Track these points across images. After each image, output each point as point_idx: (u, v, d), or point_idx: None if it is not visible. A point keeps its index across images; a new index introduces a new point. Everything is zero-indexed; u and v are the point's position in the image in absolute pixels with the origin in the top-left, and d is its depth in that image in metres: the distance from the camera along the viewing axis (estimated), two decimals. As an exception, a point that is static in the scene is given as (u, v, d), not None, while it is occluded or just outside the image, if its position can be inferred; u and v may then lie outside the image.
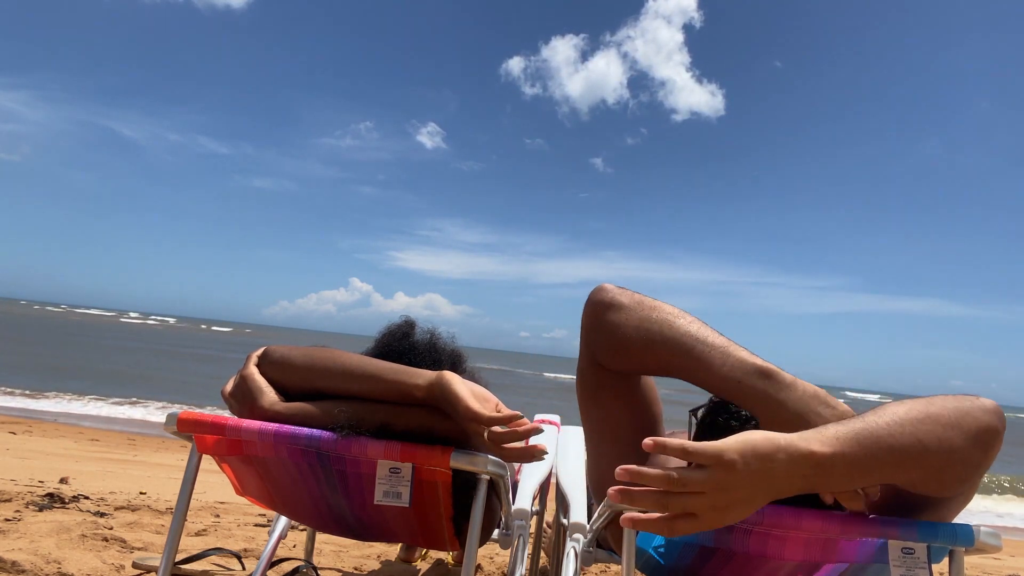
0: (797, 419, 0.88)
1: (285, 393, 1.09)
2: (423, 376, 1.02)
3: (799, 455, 0.78)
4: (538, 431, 0.97)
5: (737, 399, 0.93)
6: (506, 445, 0.96)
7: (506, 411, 0.98)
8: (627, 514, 0.79)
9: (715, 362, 0.95)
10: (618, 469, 0.77)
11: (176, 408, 1.11)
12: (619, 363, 1.05)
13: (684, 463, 0.78)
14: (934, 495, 0.88)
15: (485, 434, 0.96)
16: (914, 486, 0.86)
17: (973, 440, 0.84)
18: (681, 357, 0.97)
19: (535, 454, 0.95)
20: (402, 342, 1.29)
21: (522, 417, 0.97)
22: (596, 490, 1.16)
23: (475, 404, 0.97)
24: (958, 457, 0.83)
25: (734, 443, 0.77)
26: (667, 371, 1.00)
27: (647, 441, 0.77)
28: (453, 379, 1.00)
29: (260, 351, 1.14)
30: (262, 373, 1.10)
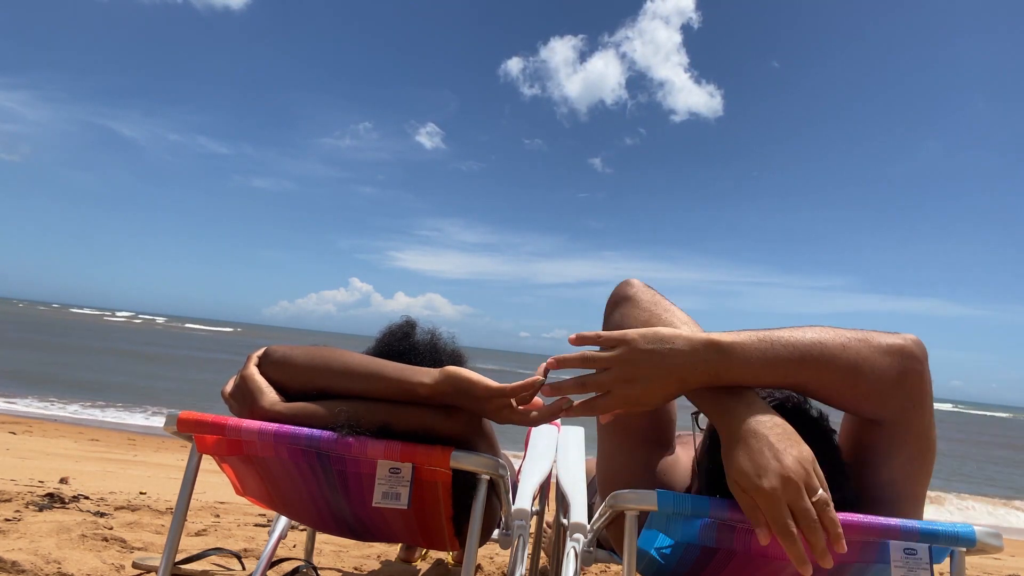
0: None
1: (287, 393, 1.09)
2: (427, 374, 1.02)
3: (698, 339, 0.89)
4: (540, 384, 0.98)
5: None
6: (535, 405, 0.99)
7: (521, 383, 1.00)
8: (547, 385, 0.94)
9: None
10: (548, 360, 0.91)
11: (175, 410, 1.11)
12: None
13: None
14: (855, 411, 0.94)
15: (513, 402, 0.98)
16: (830, 396, 0.91)
17: (883, 353, 0.90)
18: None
19: (561, 407, 0.96)
20: (403, 342, 1.29)
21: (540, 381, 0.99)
22: (604, 486, 1.16)
23: (492, 382, 0.99)
24: (868, 367, 0.88)
25: (642, 328, 0.90)
26: None
27: (549, 360, 0.92)
28: (460, 368, 1.01)
29: (261, 351, 1.13)
30: (263, 373, 1.10)
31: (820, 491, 0.80)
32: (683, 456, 1.15)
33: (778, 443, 0.81)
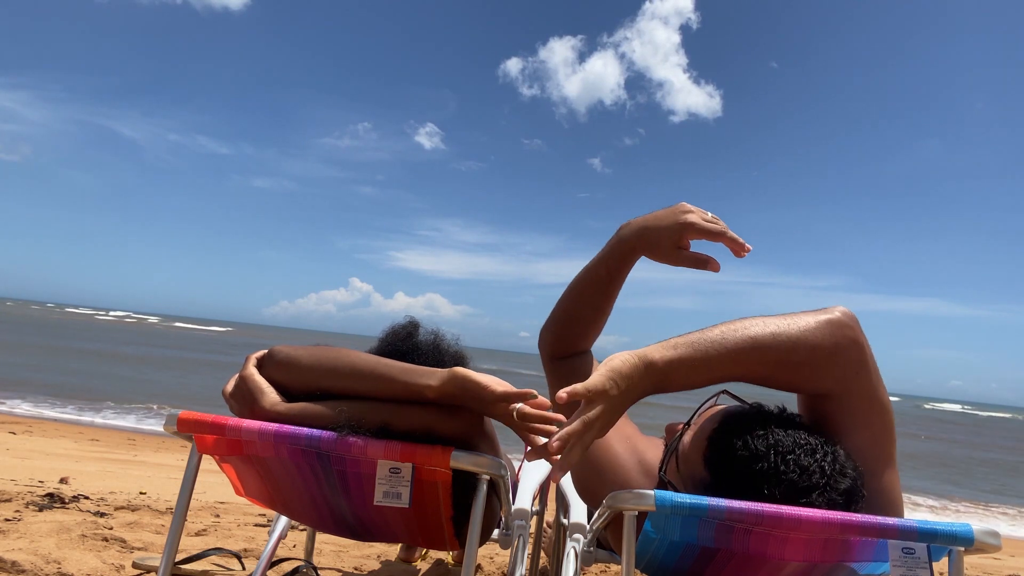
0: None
1: (291, 394, 1.08)
2: (433, 375, 1.01)
3: (642, 367, 0.92)
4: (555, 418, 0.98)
5: None
6: (536, 425, 0.98)
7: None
8: (530, 451, 0.92)
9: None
10: (553, 443, 0.87)
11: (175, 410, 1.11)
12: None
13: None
14: (799, 389, 0.99)
15: (515, 415, 0.98)
16: (772, 382, 0.97)
17: (813, 329, 0.94)
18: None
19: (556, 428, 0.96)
20: (406, 342, 1.29)
21: (537, 395, 1.01)
22: (580, 491, 1.17)
23: (500, 386, 1.00)
24: (801, 346, 0.93)
25: (606, 373, 0.91)
26: None
27: (560, 393, 0.89)
28: (467, 370, 1.01)
29: (263, 352, 1.13)
30: (267, 374, 1.10)
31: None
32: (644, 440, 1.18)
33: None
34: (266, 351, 1.12)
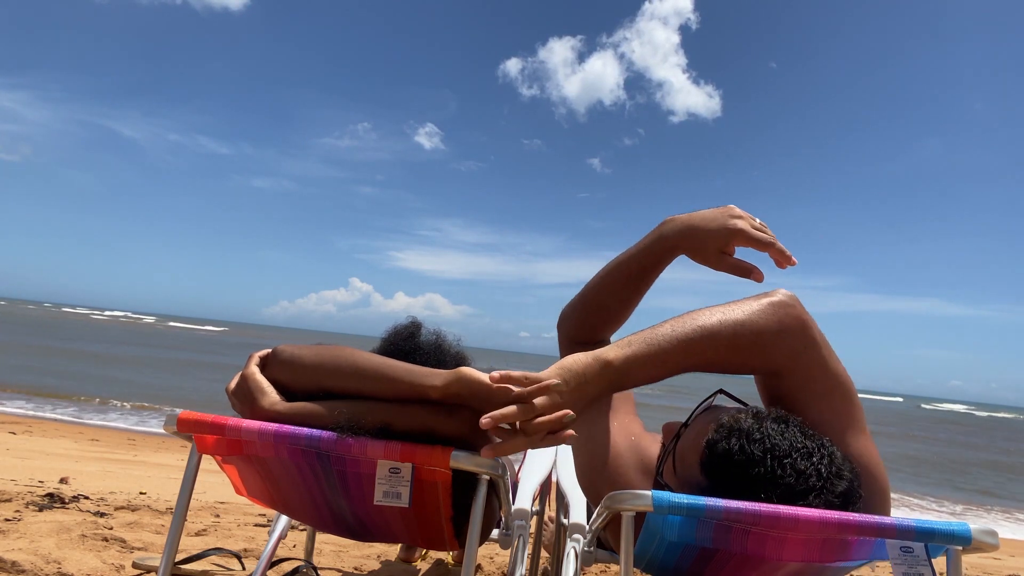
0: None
1: (293, 393, 1.08)
2: (437, 375, 1.00)
3: (600, 367, 0.96)
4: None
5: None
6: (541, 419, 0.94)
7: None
8: (488, 448, 0.93)
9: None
10: (483, 419, 0.89)
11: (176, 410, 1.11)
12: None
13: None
14: (752, 371, 1.03)
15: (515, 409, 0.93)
16: (723, 367, 1.00)
17: (756, 312, 0.99)
18: None
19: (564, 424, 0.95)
20: (408, 342, 1.29)
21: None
22: (584, 488, 1.18)
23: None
24: (747, 329, 0.97)
25: (555, 369, 0.95)
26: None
27: (493, 374, 0.94)
28: (472, 370, 0.99)
29: (266, 351, 1.13)
30: (271, 373, 1.09)
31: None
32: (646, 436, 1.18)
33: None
34: (270, 350, 1.12)
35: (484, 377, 0.98)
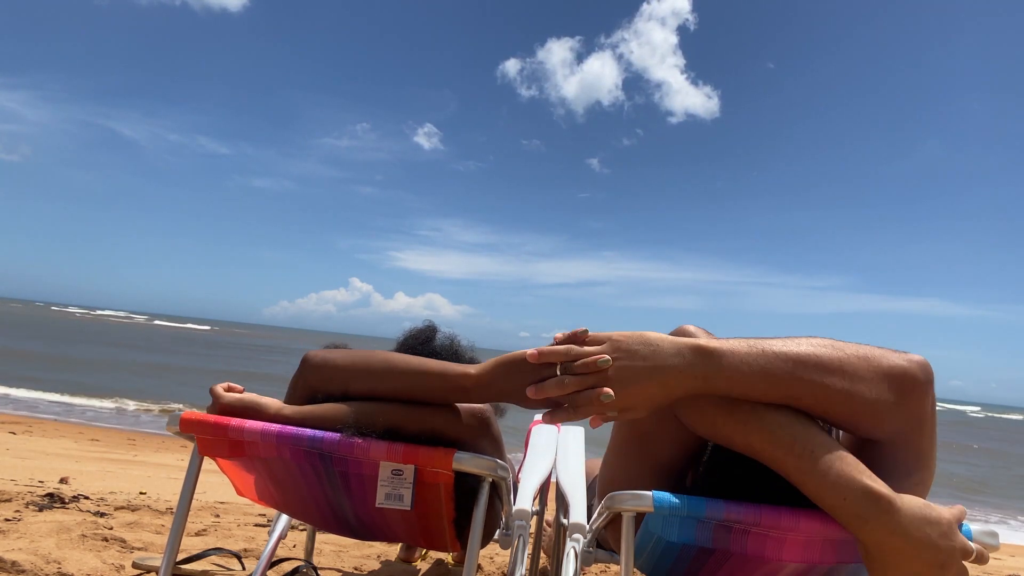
0: (907, 548, 0.78)
1: (323, 396, 1.08)
2: (473, 366, 0.99)
3: (684, 343, 0.84)
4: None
5: (833, 513, 0.82)
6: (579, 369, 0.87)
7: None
8: (531, 387, 0.88)
9: (818, 466, 0.81)
10: (530, 352, 0.87)
11: (178, 408, 1.11)
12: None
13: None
14: (853, 430, 0.88)
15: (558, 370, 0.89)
16: (827, 410, 0.85)
17: (883, 377, 0.84)
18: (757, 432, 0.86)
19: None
20: (424, 346, 1.29)
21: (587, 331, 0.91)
22: (604, 489, 1.16)
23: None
24: (866, 388, 0.83)
25: (626, 332, 0.87)
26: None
27: (531, 351, 0.88)
28: (505, 354, 0.97)
29: (225, 383, 1.12)
30: (305, 379, 1.09)
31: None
32: None
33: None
34: (302, 356, 1.11)
35: (521, 352, 0.95)
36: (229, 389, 1.11)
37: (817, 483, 0.80)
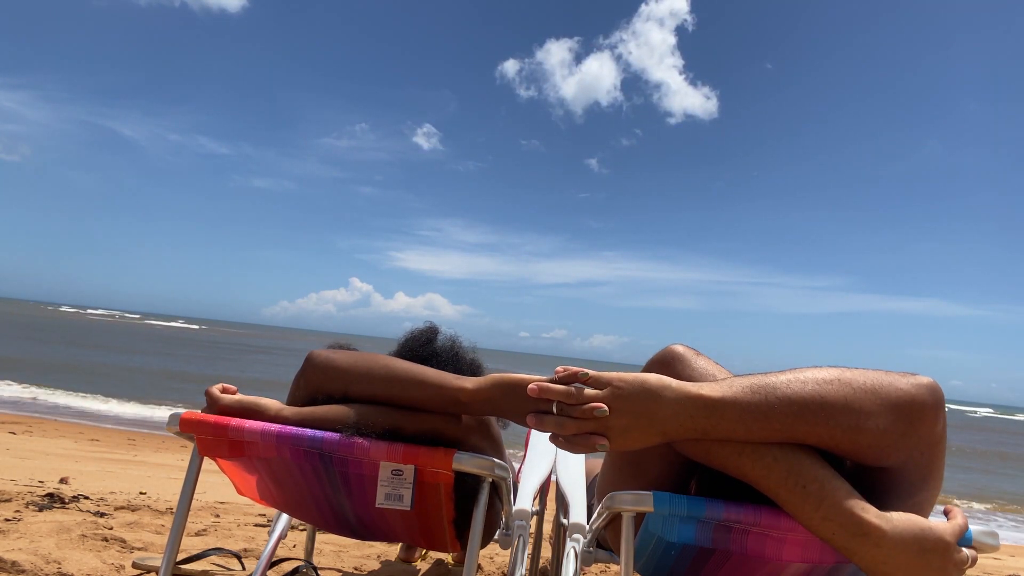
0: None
1: (322, 397, 1.09)
2: (468, 380, 1.02)
3: (686, 395, 0.83)
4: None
5: (828, 544, 0.83)
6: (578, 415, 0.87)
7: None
8: (530, 415, 0.88)
9: (809, 500, 0.81)
10: (531, 386, 0.88)
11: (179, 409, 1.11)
12: None
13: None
14: (859, 461, 0.87)
15: (554, 407, 0.88)
16: (831, 447, 0.84)
17: (891, 408, 0.83)
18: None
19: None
20: (425, 348, 1.29)
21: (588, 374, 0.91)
22: (602, 492, 1.16)
23: (539, 378, 0.93)
24: (873, 423, 0.82)
25: (629, 375, 0.86)
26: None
27: (532, 385, 0.88)
28: (508, 374, 0.99)
29: (220, 384, 1.14)
30: (308, 378, 1.10)
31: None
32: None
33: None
34: (306, 355, 1.13)
35: (520, 375, 0.97)
36: (224, 391, 1.12)
37: (808, 517, 0.81)
